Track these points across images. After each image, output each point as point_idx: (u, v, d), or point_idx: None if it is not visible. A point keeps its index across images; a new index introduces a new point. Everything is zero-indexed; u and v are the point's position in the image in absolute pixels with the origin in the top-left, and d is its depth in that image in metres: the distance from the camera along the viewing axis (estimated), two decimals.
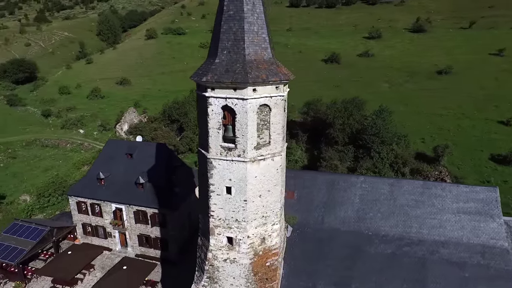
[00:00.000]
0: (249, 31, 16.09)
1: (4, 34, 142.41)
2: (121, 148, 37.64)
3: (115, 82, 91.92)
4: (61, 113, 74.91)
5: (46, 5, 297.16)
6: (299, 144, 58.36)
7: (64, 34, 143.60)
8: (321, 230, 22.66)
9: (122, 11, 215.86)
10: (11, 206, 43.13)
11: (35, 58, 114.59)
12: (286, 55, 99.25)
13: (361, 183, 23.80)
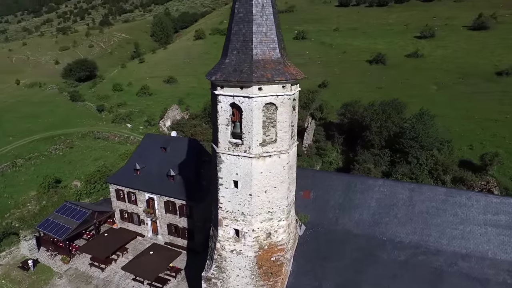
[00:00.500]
0: (257, 32, 16.72)
1: (74, 37, 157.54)
2: (156, 142, 40.32)
3: (162, 80, 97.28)
4: (112, 109, 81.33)
5: (111, 9, 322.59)
6: (335, 146, 57.39)
7: (122, 36, 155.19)
8: (334, 231, 22.59)
9: (176, 13, 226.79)
10: (65, 189, 48.10)
11: (96, 58, 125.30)
12: (330, 55, 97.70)
13: (379, 187, 23.26)
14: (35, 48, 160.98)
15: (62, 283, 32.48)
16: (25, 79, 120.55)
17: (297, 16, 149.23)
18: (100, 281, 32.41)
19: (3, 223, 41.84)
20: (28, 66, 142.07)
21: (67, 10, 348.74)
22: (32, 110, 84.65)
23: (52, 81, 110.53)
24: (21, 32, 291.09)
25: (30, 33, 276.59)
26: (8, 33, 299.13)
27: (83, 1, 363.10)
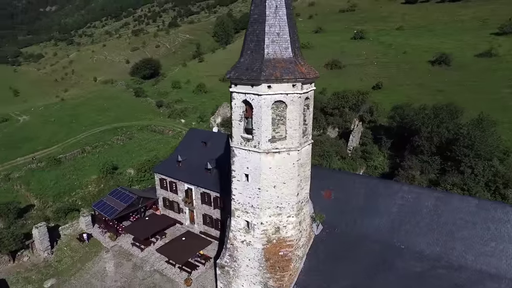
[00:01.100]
0: (269, 33, 17.37)
1: (144, 39, 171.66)
2: (199, 136, 42.80)
3: (218, 79, 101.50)
4: (170, 104, 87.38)
5: (179, 12, 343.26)
6: (382, 150, 54.98)
7: (186, 37, 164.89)
8: (351, 233, 22.29)
9: (238, 14, 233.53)
10: (120, 176, 53.36)
11: (161, 58, 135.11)
12: (388, 56, 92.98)
13: (403, 192, 22.32)
14: (112, 49, 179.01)
15: (108, 257, 36.38)
16: (101, 77, 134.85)
17: (358, 15, 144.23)
18: (138, 259, 35.63)
19: (69, 200, 47.91)
20: (105, 65, 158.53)
21: (142, 14, 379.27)
22: (103, 104, 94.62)
23: (122, 78, 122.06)
24: (103, 35, 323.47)
25: (110, 35, 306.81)
26: (94, 36, 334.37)
27: (156, 5, 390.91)
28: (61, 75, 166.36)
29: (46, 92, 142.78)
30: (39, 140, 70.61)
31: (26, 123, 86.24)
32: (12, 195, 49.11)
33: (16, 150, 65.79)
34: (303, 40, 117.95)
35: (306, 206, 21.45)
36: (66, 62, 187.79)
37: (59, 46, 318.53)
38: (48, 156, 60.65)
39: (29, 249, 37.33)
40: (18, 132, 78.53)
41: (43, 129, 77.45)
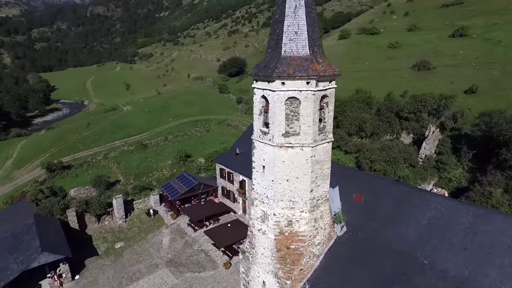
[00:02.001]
0: (287, 31, 18.05)
1: (236, 38, 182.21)
2: None
3: None
4: (248, 101, 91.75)
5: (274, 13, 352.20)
6: (461, 161, 49.03)
7: None
8: (374, 240, 21.48)
9: (331, 13, 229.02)
10: (191, 163, 58.97)
11: (248, 57, 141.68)
12: (493, 55, 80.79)
13: (437, 204, 20.55)
14: (207, 48, 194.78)
15: (166, 232, 41.21)
16: (193, 74, 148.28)
17: (465, 8, 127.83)
18: (190, 238, 39.48)
19: (146, 180, 55.11)
20: (199, 63, 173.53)
21: (240, 15, 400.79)
22: (190, 98, 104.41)
23: (211, 76, 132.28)
24: (204, 35, 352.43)
25: (209, 36, 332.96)
26: (196, 37, 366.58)
27: (253, 6, 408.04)
28: (163, 72, 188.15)
29: (150, 86, 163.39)
30: (134, 127, 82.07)
31: (128, 112, 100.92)
32: (106, 171, 58.71)
33: (116, 134, 77.87)
34: (391, 39, 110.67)
35: (325, 205, 21.31)
36: (169, 61, 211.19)
37: (166, 46, 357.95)
38: (138, 141, 70.31)
39: (110, 215, 44.44)
40: (120, 119, 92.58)
41: (138, 118, 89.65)
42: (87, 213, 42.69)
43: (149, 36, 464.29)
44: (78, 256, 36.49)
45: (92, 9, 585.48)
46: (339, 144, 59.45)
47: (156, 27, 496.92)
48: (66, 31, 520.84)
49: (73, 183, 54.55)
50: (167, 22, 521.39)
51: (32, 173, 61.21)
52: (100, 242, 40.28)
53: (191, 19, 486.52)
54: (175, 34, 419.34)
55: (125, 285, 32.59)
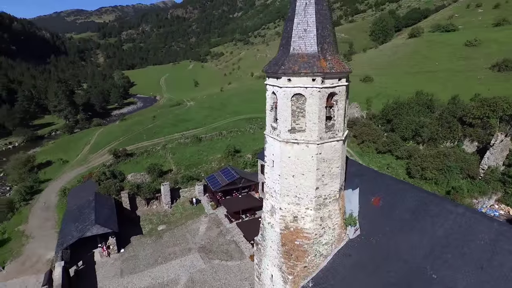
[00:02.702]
0: (297, 29, 18.29)
1: None
2: None
3: (359, 79, 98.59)
4: None
5: (346, 11, 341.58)
6: None
7: (340, 36, 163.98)
8: (385, 246, 20.57)
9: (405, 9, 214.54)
10: (239, 158, 61.15)
11: None
12: None
13: (456, 215, 18.90)
14: (272, 48, 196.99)
15: (204, 221, 43.70)
16: (257, 72, 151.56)
17: None
18: (225, 229, 41.34)
19: (196, 171, 58.71)
20: (264, 62, 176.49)
21: None
22: (251, 96, 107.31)
23: None
24: (273, 35, 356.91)
25: (279, 35, 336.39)
26: (266, 37, 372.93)
27: None
28: (229, 70, 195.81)
29: (216, 84, 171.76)
30: (193, 122, 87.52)
31: (190, 108, 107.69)
32: (162, 160, 63.91)
33: (176, 127, 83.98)
34: (469, 36, 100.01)
35: (334, 205, 20.92)
36: (236, 60, 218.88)
37: (237, 45, 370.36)
38: (194, 135, 74.97)
39: (158, 200, 48.58)
40: (182, 114, 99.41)
41: (198, 113, 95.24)
42: (138, 196, 47.31)
43: (222, 36, 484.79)
44: (126, 233, 40.84)
45: (172, 11, 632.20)
46: (390, 149, 56.32)
47: (229, 27, 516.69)
48: (149, 32, 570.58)
49: (133, 168, 60.55)
50: (240, 22, 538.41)
51: (102, 157, 69.41)
52: (146, 223, 44.38)
53: (263, 19, 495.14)
54: (246, 34, 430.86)
55: (160, 263, 35.61)
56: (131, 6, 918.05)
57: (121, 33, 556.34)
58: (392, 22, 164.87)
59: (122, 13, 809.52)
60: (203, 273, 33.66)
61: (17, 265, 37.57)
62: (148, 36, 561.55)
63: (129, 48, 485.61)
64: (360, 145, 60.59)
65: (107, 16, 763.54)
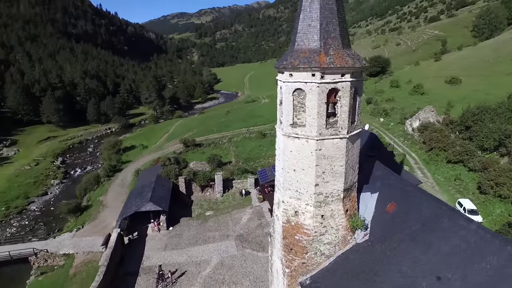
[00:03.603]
0: (302, 24, 18.43)
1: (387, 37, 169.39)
2: None
3: (444, 80, 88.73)
4: (377, 102, 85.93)
5: (449, 5, 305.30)
6: None
7: (433, 33, 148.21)
8: (387, 255, 19.39)
9: None
10: None
11: (396, 55, 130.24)
12: None
13: (467, 232, 16.83)
14: (357, 47, 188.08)
15: (248, 212, 45.51)
16: None
17: None
18: (265, 221, 42.51)
19: (253, 165, 61.04)
20: None
21: (408, 10, 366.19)
22: None
23: None
24: (364, 34, 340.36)
25: (369, 34, 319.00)
26: (356, 35, 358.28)
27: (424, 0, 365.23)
28: None
29: None
30: (262, 118, 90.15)
31: (263, 104, 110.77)
32: (225, 152, 67.97)
33: (245, 123, 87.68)
34: None
35: (337, 204, 20.22)
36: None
37: None
38: (259, 131, 77.45)
39: (212, 188, 52.22)
40: (254, 110, 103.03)
41: (269, 110, 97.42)
42: (194, 182, 51.57)
43: None
44: (177, 213, 45.16)
45: (264, 11, 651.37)
46: (463, 159, 49.96)
47: None
48: (241, 32, 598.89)
49: (198, 157, 65.81)
50: None
51: (175, 146, 76.86)
52: (196, 207, 48.24)
53: (355, 17, 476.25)
54: None
55: (199, 244, 38.65)
56: (227, 7, 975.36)
57: (215, 33, 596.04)
58: (505, 13, 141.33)
59: (219, 14, 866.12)
60: (233, 259, 35.46)
61: (91, 227, 44.90)
62: (240, 35, 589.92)
63: (222, 47, 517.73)
64: (428, 153, 55.12)
65: (205, 17, 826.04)
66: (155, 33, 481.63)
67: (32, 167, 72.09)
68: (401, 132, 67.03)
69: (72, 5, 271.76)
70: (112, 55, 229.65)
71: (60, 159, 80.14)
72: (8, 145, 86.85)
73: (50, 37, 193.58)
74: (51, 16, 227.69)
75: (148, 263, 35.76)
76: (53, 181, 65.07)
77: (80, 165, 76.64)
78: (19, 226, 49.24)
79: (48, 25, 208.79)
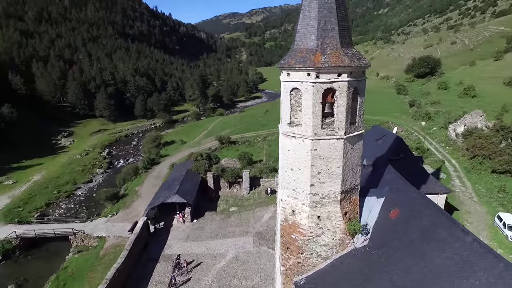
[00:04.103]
0: (301, 24, 18.49)
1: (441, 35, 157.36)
2: (376, 133, 42.01)
3: (503, 81, 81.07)
4: (421, 105, 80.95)
5: None
6: None
7: (497, 30, 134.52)
8: (381, 263, 18.84)
9: None
10: None
11: (449, 55, 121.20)
12: None
13: (461, 244, 15.79)
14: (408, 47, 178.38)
15: (271, 210, 45.82)
16: (382, 73, 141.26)
17: None
18: None
19: None
20: (395, 62, 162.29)
21: (472, 5, 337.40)
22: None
23: (398, 75, 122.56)
24: (419, 32, 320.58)
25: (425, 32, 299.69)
26: (410, 34, 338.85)
27: None
28: None
29: None
30: None
31: None
32: (257, 151, 68.80)
33: None
34: None
35: (334, 206, 19.80)
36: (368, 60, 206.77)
37: (376, 44, 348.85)
38: None
39: (239, 185, 53.35)
40: None
41: None
42: (222, 178, 53.05)
43: (363, 34, 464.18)
44: (202, 207, 46.90)
45: None
46: (510, 169, 45.55)
47: (372, 25, 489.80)
48: (290, 31, 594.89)
49: (231, 154, 67.43)
50: (385, 19, 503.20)
51: (212, 142, 79.39)
52: (222, 202, 49.62)
53: (411, 15, 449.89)
54: (390, 31, 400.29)
55: (218, 238, 39.87)
56: (278, 7, 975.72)
57: (265, 32, 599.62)
58: None
59: (270, 13, 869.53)
60: (248, 254, 36.12)
61: (124, 214, 48.35)
62: (289, 34, 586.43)
63: (270, 46, 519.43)
64: (470, 160, 51.03)
65: (256, 17, 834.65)
66: (206, 32, 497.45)
67: (82, 156, 79.16)
68: (443, 138, 62.73)
69: (130, 8, 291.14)
70: (163, 54, 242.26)
71: (107, 150, 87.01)
72: (66, 136, 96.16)
73: (109, 38, 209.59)
74: (112, 18, 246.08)
75: (169, 252, 37.73)
76: (98, 170, 70.95)
77: (124, 157, 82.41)
78: (66, 209, 54.52)
79: (108, 27, 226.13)
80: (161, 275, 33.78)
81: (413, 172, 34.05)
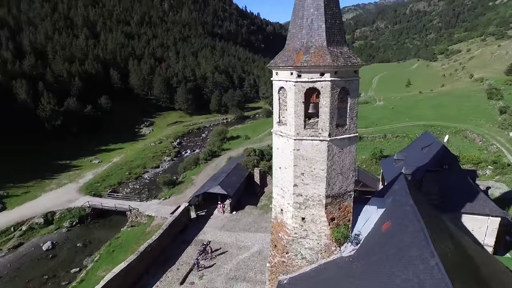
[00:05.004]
0: (292, 23, 18.55)
1: None
2: (424, 141, 38.39)
3: None
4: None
5: None
6: None
7: None
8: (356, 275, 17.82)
9: None
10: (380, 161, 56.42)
11: None
12: None
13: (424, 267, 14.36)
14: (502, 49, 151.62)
15: None
16: (481, 74, 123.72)
17: None
18: None
19: None
20: (498, 62, 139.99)
21: None
22: (445, 101, 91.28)
23: (496, 77, 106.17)
24: None
25: None
26: None
27: None
28: (451, 71, 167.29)
29: (429, 85, 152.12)
30: (366, 121, 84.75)
31: (376, 106, 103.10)
32: None
33: None
34: None
35: (319, 209, 19.03)
36: (467, 59, 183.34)
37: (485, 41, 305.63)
38: None
39: None
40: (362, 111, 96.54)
41: (377, 113, 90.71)
42: (268, 175, 54.05)
43: (470, 30, 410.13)
44: (244, 200, 48.71)
45: (412, 5, 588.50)
46: None
47: (483, 19, 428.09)
48: (383, 29, 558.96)
49: None
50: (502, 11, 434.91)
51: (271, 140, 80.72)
52: (265, 198, 50.61)
53: None
54: (506, 25, 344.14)
55: (250, 231, 41.16)
56: (373, 3, 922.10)
57: (355, 31, 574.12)
58: None
59: (363, 10, 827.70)
60: None
61: (175, 199, 53.06)
62: (381, 33, 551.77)
63: (360, 45, 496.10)
64: None
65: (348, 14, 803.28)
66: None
67: (156, 144, 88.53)
68: None
69: (221, 9, 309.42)
70: (247, 52, 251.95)
71: (178, 140, 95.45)
72: (148, 125, 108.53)
73: (198, 37, 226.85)
74: (203, 19, 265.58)
75: (202, 237, 40.44)
76: (166, 157, 78.59)
77: (191, 148, 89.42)
78: (132, 188, 62.20)
79: (199, 27, 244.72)
80: (189, 256, 36.58)
81: (457, 187, 30.16)
